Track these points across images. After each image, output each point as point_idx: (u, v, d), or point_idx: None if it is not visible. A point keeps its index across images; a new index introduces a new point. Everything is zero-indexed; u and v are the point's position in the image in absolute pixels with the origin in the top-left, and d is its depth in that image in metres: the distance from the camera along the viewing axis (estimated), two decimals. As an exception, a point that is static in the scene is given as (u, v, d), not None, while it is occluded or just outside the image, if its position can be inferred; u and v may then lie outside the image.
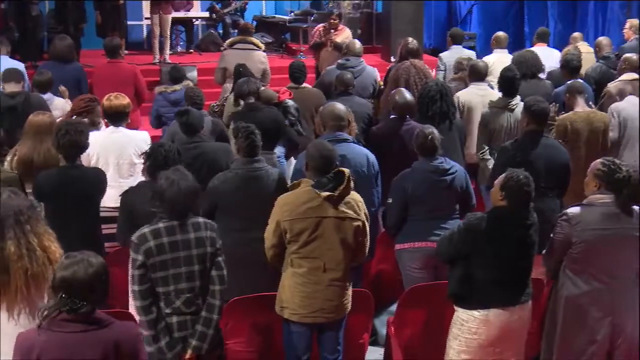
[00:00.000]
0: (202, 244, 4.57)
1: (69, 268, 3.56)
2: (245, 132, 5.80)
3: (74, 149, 5.71)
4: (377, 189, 6.32)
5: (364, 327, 5.69)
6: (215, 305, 4.62)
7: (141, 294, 4.51)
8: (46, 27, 14.44)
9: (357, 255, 5.22)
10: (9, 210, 4.06)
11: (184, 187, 4.53)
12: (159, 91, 9.18)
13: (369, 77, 9.42)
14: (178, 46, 15.48)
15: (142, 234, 4.53)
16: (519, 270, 4.99)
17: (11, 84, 7.68)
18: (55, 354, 3.52)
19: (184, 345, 4.58)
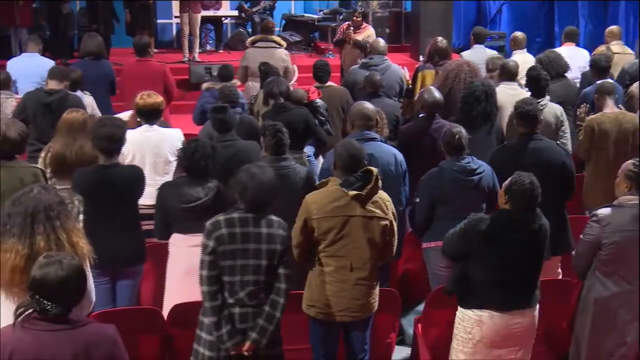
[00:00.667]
0: (273, 241, 4.61)
1: (41, 269, 3.55)
2: (272, 131, 5.83)
3: (110, 141, 5.69)
4: (405, 188, 6.31)
5: (391, 327, 5.69)
6: (280, 303, 4.64)
7: (209, 280, 4.56)
8: (77, 25, 14.55)
9: (385, 255, 5.22)
10: (40, 206, 4.09)
11: (265, 181, 4.60)
12: (206, 87, 9.23)
13: (394, 75, 9.37)
14: (207, 45, 15.53)
15: (217, 220, 4.59)
16: (519, 275, 4.93)
17: (54, 81, 7.75)
18: (26, 351, 3.51)
19: (243, 337, 4.60)
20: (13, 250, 4.01)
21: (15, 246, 4.02)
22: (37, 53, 9.52)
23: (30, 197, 4.11)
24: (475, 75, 8.44)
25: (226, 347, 4.59)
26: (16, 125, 5.64)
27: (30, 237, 4.04)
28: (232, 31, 16.33)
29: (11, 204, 4.12)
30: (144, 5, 13.73)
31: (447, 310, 5.45)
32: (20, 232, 4.04)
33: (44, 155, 6.33)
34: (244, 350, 4.61)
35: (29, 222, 4.05)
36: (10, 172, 5.53)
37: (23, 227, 4.04)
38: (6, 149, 5.53)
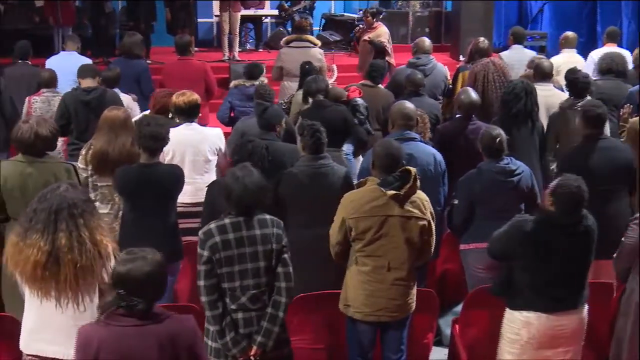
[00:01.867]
0: (267, 241, 4.57)
1: (126, 264, 3.61)
2: (310, 130, 5.81)
3: (154, 140, 5.74)
4: (443, 188, 6.28)
5: (428, 327, 5.66)
6: (281, 303, 4.60)
7: (207, 290, 4.54)
8: (118, 24, 14.68)
9: (422, 255, 5.20)
10: (64, 203, 4.14)
11: (249, 184, 4.54)
12: (235, 84, 9.23)
13: (440, 74, 9.36)
14: (247, 43, 15.58)
15: (209, 229, 4.56)
16: (565, 278, 4.87)
17: (87, 79, 7.81)
18: (113, 347, 3.58)
19: (249, 342, 4.58)
20: (36, 246, 4.09)
21: (38, 242, 4.09)
22: (75, 51, 9.61)
23: (56, 194, 4.17)
24: (503, 73, 8.39)
25: (233, 354, 4.57)
26: (47, 123, 5.69)
27: (53, 233, 4.11)
28: (272, 30, 16.37)
29: (37, 201, 4.20)
30: (184, 4, 13.81)
31: (485, 311, 5.43)
32: (43, 228, 4.11)
33: (84, 153, 6.39)
34: (252, 354, 4.59)
35: (52, 219, 4.11)
36: (43, 168, 5.60)
37: (46, 223, 4.11)
38: (38, 146, 5.59)
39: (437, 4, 16.14)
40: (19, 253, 4.12)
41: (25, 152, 5.62)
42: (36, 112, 8.14)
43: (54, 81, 8.47)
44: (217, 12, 14.61)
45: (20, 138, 5.57)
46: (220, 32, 14.23)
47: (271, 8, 16.01)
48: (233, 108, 9.05)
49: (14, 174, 5.57)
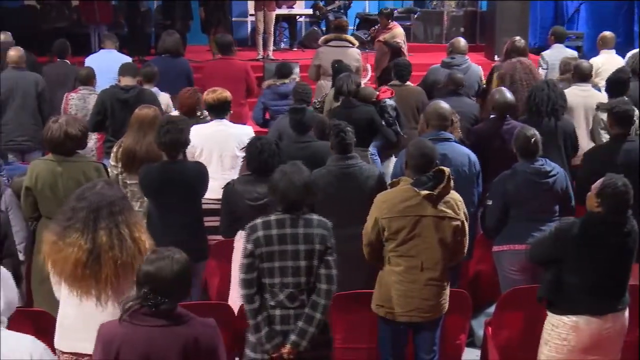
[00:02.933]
0: (310, 241, 4.55)
1: (154, 263, 3.62)
2: (336, 130, 5.82)
3: (175, 146, 5.78)
4: (477, 189, 6.25)
5: (460, 328, 5.64)
6: (320, 304, 4.56)
7: (246, 283, 4.55)
8: (154, 23, 14.78)
9: (456, 255, 5.18)
10: (103, 201, 4.17)
11: (296, 181, 4.55)
12: (268, 85, 9.26)
13: (475, 75, 9.33)
14: (281, 43, 15.61)
15: (254, 224, 4.58)
16: (612, 279, 4.85)
17: (127, 77, 7.87)
18: (134, 346, 3.59)
19: (283, 339, 4.57)
20: (76, 244, 4.11)
21: (78, 241, 4.11)
22: (114, 50, 9.69)
23: (94, 192, 4.19)
24: (530, 72, 8.34)
25: (266, 349, 4.57)
26: (77, 122, 5.73)
27: (93, 232, 4.13)
28: (307, 29, 16.39)
29: (75, 199, 4.22)
30: (219, 3, 13.86)
31: (518, 312, 5.40)
32: (83, 227, 4.13)
33: (115, 150, 6.46)
34: (285, 352, 4.57)
35: (92, 218, 4.14)
36: (72, 166, 5.66)
37: (86, 222, 4.14)
38: (67, 146, 5.63)
39: (473, 3, 16.06)
40: (58, 252, 4.14)
41: (55, 151, 5.67)
42: (72, 109, 8.25)
43: (91, 79, 8.56)
44: (252, 11, 14.66)
45: (50, 137, 5.62)
46: (255, 31, 14.28)
47: (306, 7, 16.02)
48: (267, 108, 9.09)
49: (45, 173, 5.63)
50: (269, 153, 5.59)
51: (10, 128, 8.47)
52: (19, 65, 8.57)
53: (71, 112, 7.92)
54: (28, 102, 8.47)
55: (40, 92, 8.51)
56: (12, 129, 8.46)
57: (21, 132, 8.47)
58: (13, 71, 8.53)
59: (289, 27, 15.75)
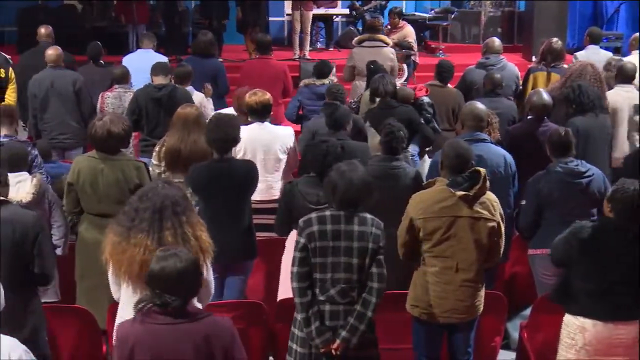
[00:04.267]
0: (364, 238, 4.57)
1: (159, 262, 3.63)
2: (387, 130, 5.81)
3: (225, 142, 5.79)
4: (513, 190, 6.21)
5: (495, 330, 5.62)
6: (371, 302, 4.59)
7: (299, 276, 4.58)
8: (191, 22, 14.87)
9: (491, 257, 5.14)
10: (167, 201, 4.19)
11: (355, 180, 4.57)
12: (306, 83, 9.25)
13: (511, 74, 9.25)
14: (318, 42, 15.64)
15: (309, 218, 4.61)
16: (623, 285, 4.72)
17: (160, 76, 7.91)
18: (147, 344, 3.61)
19: (333, 335, 4.58)
20: (142, 244, 4.13)
21: (145, 241, 4.13)
22: (151, 49, 9.75)
23: (158, 192, 4.21)
24: (599, 79, 8.19)
25: (315, 344, 4.59)
26: (120, 120, 5.76)
27: (159, 232, 4.15)
28: (343, 29, 16.39)
29: (138, 199, 4.24)
30: (256, 3, 13.92)
31: (555, 316, 5.34)
32: (149, 227, 4.15)
33: (158, 149, 6.48)
34: (334, 348, 4.58)
35: (157, 218, 4.16)
36: (113, 164, 5.69)
37: (151, 222, 4.16)
38: (111, 143, 5.68)
39: (510, 3, 15.97)
40: (122, 252, 4.16)
41: (99, 148, 5.72)
42: (108, 107, 8.32)
43: (126, 77, 8.64)
44: (288, 11, 14.71)
45: (94, 135, 5.68)
46: (292, 30, 14.31)
47: (342, 7, 16.02)
48: (302, 107, 9.08)
49: (87, 169, 5.69)
50: (334, 156, 5.53)
51: (51, 126, 8.57)
52: (57, 64, 8.66)
53: (107, 111, 7.98)
54: (67, 100, 8.56)
55: (78, 91, 8.59)
56: (53, 127, 8.56)
57: (62, 129, 8.56)
58: (50, 70, 8.62)
59: (326, 27, 15.78)
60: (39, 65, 8.82)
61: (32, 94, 8.59)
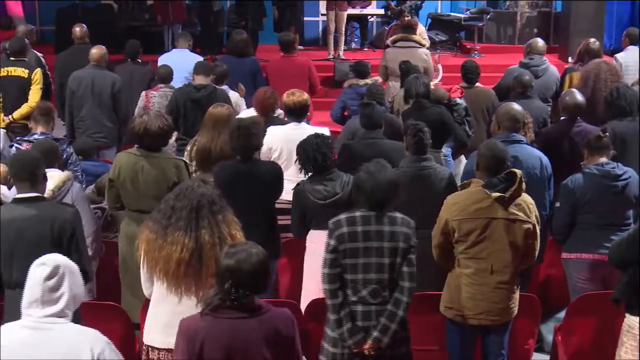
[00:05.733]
0: (395, 238, 4.58)
1: (233, 257, 3.67)
2: (413, 130, 5.81)
3: (247, 151, 5.84)
4: (549, 192, 6.16)
5: (529, 333, 5.58)
6: (403, 302, 4.60)
7: (329, 278, 4.60)
8: (226, 22, 14.92)
9: (526, 259, 5.11)
10: (204, 200, 4.22)
11: (381, 180, 4.58)
12: (350, 84, 9.30)
13: (553, 77, 9.18)
14: (352, 42, 15.63)
15: (338, 220, 4.62)
16: None
17: (200, 76, 7.96)
18: (218, 338, 3.66)
19: (365, 335, 4.59)
20: (179, 243, 4.16)
21: (182, 239, 4.16)
22: (187, 49, 9.81)
23: (194, 191, 4.24)
24: (615, 74, 8.17)
25: (348, 344, 4.59)
26: (160, 119, 5.78)
27: (196, 230, 4.18)
28: (378, 29, 16.37)
29: (174, 198, 4.27)
30: (292, 3, 13.94)
31: (589, 319, 5.32)
32: (186, 225, 4.18)
33: (189, 149, 6.54)
34: (366, 348, 4.59)
35: (194, 217, 4.19)
36: (153, 162, 5.74)
37: (188, 220, 4.18)
38: (146, 142, 5.72)
39: (547, 4, 15.84)
40: (159, 251, 4.19)
41: (140, 145, 5.77)
42: (154, 106, 8.38)
43: (169, 77, 8.71)
44: (323, 11, 14.71)
45: (132, 130, 5.75)
46: (326, 30, 14.32)
47: (377, 7, 16.00)
48: (346, 107, 9.12)
49: (127, 165, 5.73)
50: (315, 149, 5.62)
51: (86, 124, 8.66)
52: (99, 64, 8.75)
53: (153, 110, 8.04)
54: (104, 100, 8.65)
55: (116, 93, 8.68)
56: (89, 125, 8.66)
57: (97, 128, 8.65)
58: (92, 69, 8.71)
59: (360, 26, 15.77)
60: (75, 64, 8.92)
61: (70, 91, 8.69)
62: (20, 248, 4.61)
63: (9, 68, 8.71)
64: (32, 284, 3.54)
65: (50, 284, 3.53)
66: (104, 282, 5.89)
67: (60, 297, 3.55)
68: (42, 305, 3.51)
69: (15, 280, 4.56)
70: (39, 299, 3.51)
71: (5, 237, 4.63)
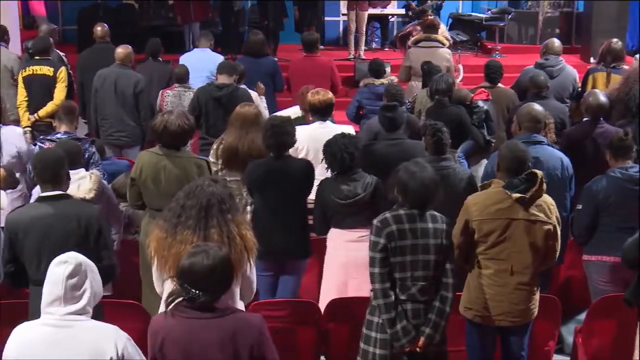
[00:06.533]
0: (439, 235, 4.65)
1: (189, 258, 3.67)
2: (431, 130, 5.80)
3: (279, 148, 5.86)
4: (570, 193, 6.14)
5: (550, 334, 5.56)
6: (449, 298, 4.66)
7: (381, 277, 4.62)
8: (247, 21, 14.94)
9: (547, 260, 5.10)
10: (213, 199, 4.22)
11: (426, 178, 4.64)
12: (365, 83, 9.29)
13: (569, 77, 9.13)
14: (373, 42, 15.61)
15: (385, 218, 4.65)
16: None
17: (223, 75, 7.97)
18: (176, 336, 3.66)
19: (417, 333, 4.63)
20: (188, 241, 4.15)
21: (191, 238, 4.16)
22: (208, 48, 9.83)
23: (204, 190, 4.24)
24: None
25: (401, 343, 4.61)
26: (181, 118, 5.76)
27: (205, 229, 4.17)
28: (398, 29, 16.33)
29: (184, 196, 4.27)
30: (313, 3, 13.94)
31: (610, 321, 5.30)
32: (195, 224, 4.18)
33: (215, 147, 6.55)
34: (419, 345, 4.62)
35: (204, 215, 4.18)
36: (176, 161, 5.74)
37: (198, 219, 4.18)
38: (166, 139, 5.73)
39: (568, 4, 15.75)
40: (168, 249, 4.20)
41: (162, 144, 5.78)
42: (168, 105, 8.41)
43: (186, 76, 8.73)
44: (344, 11, 14.70)
45: (153, 128, 5.78)
46: (347, 30, 14.32)
47: (398, 7, 15.97)
48: (362, 107, 9.12)
49: (149, 165, 5.74)
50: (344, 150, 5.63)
51: (109, 123, 8.70)
52: (124, 63, 8.78)
53: (166, 109, 8.06)
54: (127, 100, 8.66)
55: (139, 92, 8.69)
56: (111, 124, 8.70)
57: (119, 127, 8.68)
58: (117, 68, 8.75)
59: (381, 26, 15.75)
60: (96, 63, 8.96)
61: (94, 89, 8.73)
62: (46, 245, 4.64)
63: (34, 67, 8.77)
64: (54, 281, 3.57)
65: (73, 282, 3.57)
66: (124, 280, 5.91)
67: (83, 294, 3.59)
68: (65, 302, 3.55)
69: (42, 277, 4.58)
70: (62, 297, 3.54)
71: (32, 235, 4.67)
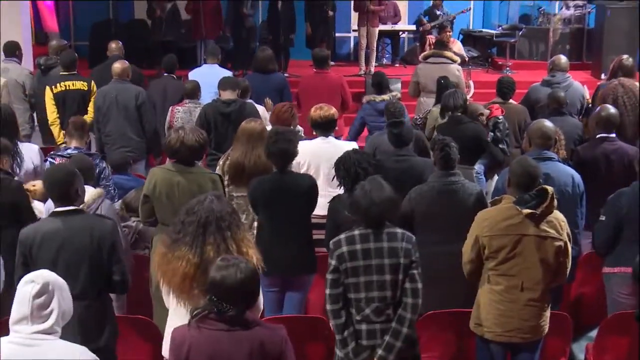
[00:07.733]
0: (395, 254, 4.58)
1: (220, 271, 3.68)
2: (440, 145, 5.79)
3: (283, 157, 5.85)
4: (581, 209, 6.12)
5: (560, 351, 5.53)
6: (406, 318, 4.59)
7: (332, 298, 4.60)
8: (259, 37, 15.01)
9: (557, 276, 5.08)
10: (212, 216, 4.24)
11: (376, 197, 4.57)
12: (367, 100, 9.30)
13: (577, 93, 9.11)
14: (384, 58, 15.66)
15: (338, 239, 4.63)
16: None
17: (227, 91, 7.99)
18: (203, 348, 3.68)
19: (371, 354, 4.60)
20: (184, 258, 4.20)
21: (187, 254, 4.20)
22: (216, 64, 9.86)
23: (204, 207, 4.27)
24: (633, 95, 8.09)
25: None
26: (196, 133, 5.78)
27: (202, 246, 4.21)
28: (409, 45, 16.38)
29: (185, 213, 4.31)
30: (324, 19, 14.00)
31: (622, 337, 5.26)
32: (192, 241, 4.22)
33: (222, 163, 6.56)
34: None
35: (201, 232, 4.22)
36: (189, 177, 5.73)
37: (195, 236, 4.22)
38: (184, 155, 5.73)
39: (580, 19, 15.75)
40: (167, 264, 4.25)
41: (178, 159, 5.79)
42: (178, 121, 8.42)
43: (196, 92, 8.74)
44: (355, 27, 14.75)
45: (168, 145, 5.77)
46: (358, 46, 14.36)
47: (409, 23, 16.02)
48: (366, 123, 9.12)
49: (163, 181, 5.73)
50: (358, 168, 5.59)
51: (113, 139, 8.68)
52: (122, 77, 8.80)
53: (177, 125, 8.08)
54: (129, 114, 8.66)
55: (140, 105, 8.69)
56: (115, 140, 8.67)
57: (123, 142, 8.66)
58: (116, 83, 8.76)
59: (392, 42, 15.78)
60: (109, 79, 8.99)
61: (96, 106, 8.74)
62: (59, 260, 4.65)
63: (66, 82, 8.83)
64: (21, 300, 3.56)
65: (39, 302, 3.56)
66: (135, 296, 5.92)
67: (50, 314, 3.58)
68: (32, 322, 3.54)
69: None
70: (28, 316, 3.53)
71: (45, 249, 4.67)
